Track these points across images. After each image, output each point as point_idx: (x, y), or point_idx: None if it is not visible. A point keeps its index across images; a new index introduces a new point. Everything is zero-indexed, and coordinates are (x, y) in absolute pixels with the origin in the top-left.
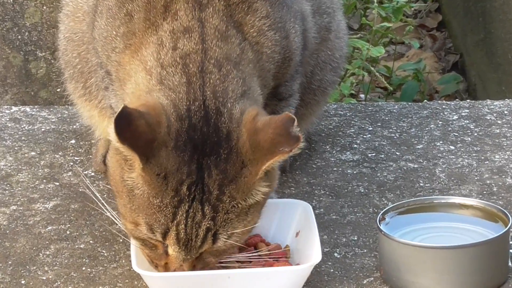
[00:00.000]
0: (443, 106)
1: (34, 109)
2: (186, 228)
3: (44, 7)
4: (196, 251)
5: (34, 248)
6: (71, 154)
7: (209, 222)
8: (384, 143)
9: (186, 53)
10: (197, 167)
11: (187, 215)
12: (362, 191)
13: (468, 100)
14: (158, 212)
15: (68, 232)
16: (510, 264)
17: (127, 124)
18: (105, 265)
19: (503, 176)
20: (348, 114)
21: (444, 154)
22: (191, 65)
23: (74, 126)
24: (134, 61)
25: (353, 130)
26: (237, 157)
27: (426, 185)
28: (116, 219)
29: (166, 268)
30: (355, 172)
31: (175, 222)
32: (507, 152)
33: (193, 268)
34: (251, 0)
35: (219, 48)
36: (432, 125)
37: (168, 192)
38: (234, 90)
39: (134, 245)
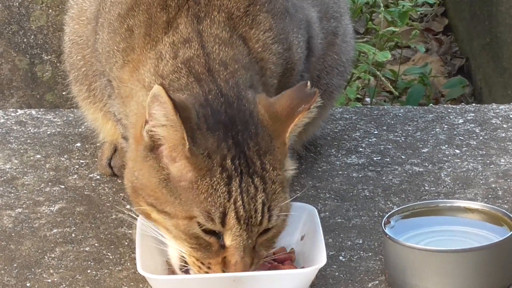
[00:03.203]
0: (449, 110)
1: (39, 112)
2: (244, 204)
3: (50, 10)
4: (256, 229)
5: (40, 250)
6: (76, 157)
7: (262, 194)
8: (389, 146)
9: (188, 59)
10: (233, 142)
11: (241, 191)
12: (367, 194)
13: (473, 104)
14: (212, 194)
15: (73, 235)
16: None
17: (171, 97)
18: (110, 268)
19: (508, 180)
20: (354, 117)
21: (449, 158)
22: (197, 66)
23: (80, 129)
24: (133, 81)
25: (358, 134)
26: (264, 131)
27: (431, 188)
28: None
29: (224, 265)
30: (360, 175)
31: (232, 200)
32: None
33: (251, 262)
34: (254, 13)
35: (223, 51)
36: (437, 129)
37: (215, 169)
38: (243, 82)
39: (139, 247)
